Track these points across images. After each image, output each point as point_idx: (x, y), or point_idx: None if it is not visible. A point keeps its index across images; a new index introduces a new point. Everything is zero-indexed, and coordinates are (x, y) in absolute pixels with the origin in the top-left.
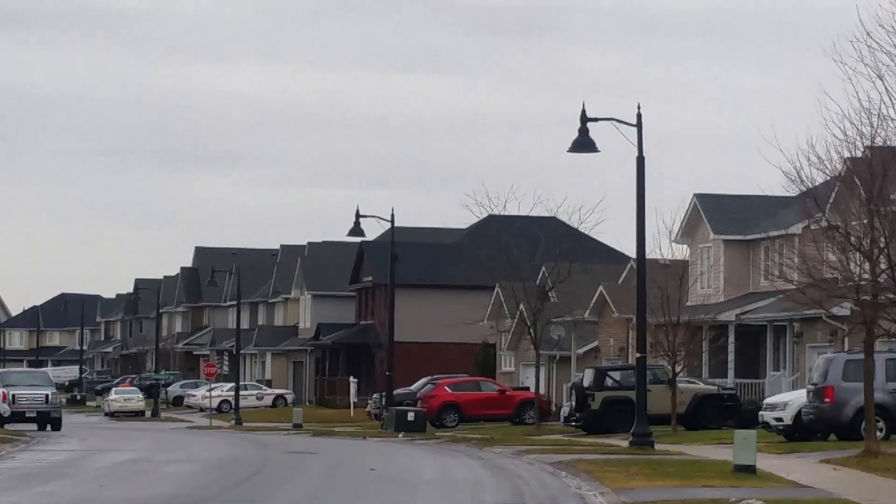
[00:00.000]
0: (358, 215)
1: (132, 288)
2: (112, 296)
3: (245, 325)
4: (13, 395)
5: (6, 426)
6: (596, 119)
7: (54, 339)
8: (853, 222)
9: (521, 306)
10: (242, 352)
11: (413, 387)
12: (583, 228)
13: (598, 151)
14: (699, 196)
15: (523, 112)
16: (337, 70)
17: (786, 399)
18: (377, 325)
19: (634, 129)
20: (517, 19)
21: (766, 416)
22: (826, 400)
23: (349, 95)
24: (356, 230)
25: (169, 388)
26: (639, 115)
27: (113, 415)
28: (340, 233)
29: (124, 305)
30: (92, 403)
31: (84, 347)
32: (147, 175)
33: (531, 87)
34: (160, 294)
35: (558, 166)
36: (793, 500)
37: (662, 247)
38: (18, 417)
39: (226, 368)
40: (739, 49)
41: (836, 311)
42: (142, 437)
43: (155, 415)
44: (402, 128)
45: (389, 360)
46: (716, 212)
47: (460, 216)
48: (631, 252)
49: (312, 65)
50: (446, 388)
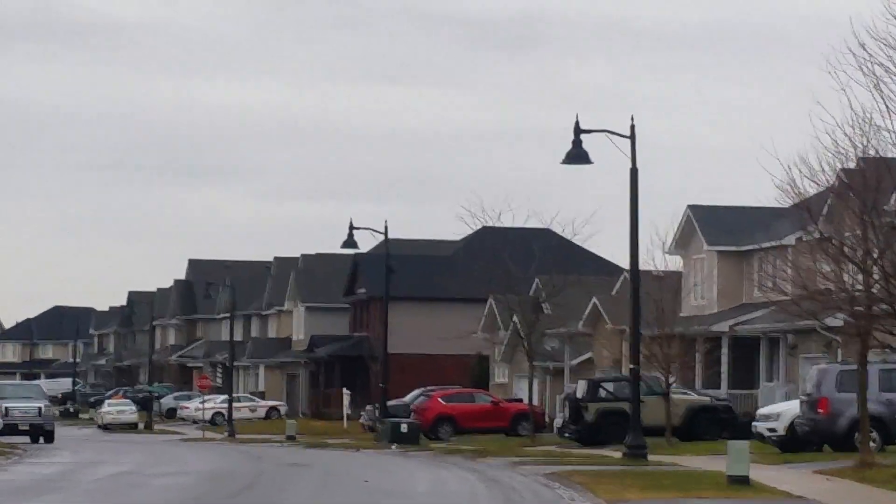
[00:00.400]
0: (351, 227)
1: (126, 301)
2: (106, 308)
3: (239, 338)
4: (6, 408)
5: None
6: (589, 131)
7: (48, 352)
8: (847, 233)
9: (515, 318)
10: (236, 364)
11: (407, 399)
12: (577, 240)
13: (592, 163)
14: (693, 207)
15: (517, 124)
16: (330, 84)
17: (779, 410)
18: (371, 338)
19: (628, 141)
20: (510, 32)
21: (760, 428)
22: (820, 411)
23: (342, 109)
24: (350, 242)
25: (162, 401)
26: (632, 127)
27: (106, 427)
28: (334, 245)
29: (118, 318)
30: (85, 416)
31: (77, 360)
32: (141, 188)
33: (524, 100)
34: (154, 307)
35: (552, 178)
36: None
37: (656, 258)
38: (11, 430)
39: (219, 381)
40: (733, 61)
41: (830, 323)
42: (135, 450)
43: (148, 427)
44: (396, 141)
45: (383, 373)
46: (709, 223)
47: (454, 228)
48: (625, 264)
49: (306, 79)
50: (440, 400)
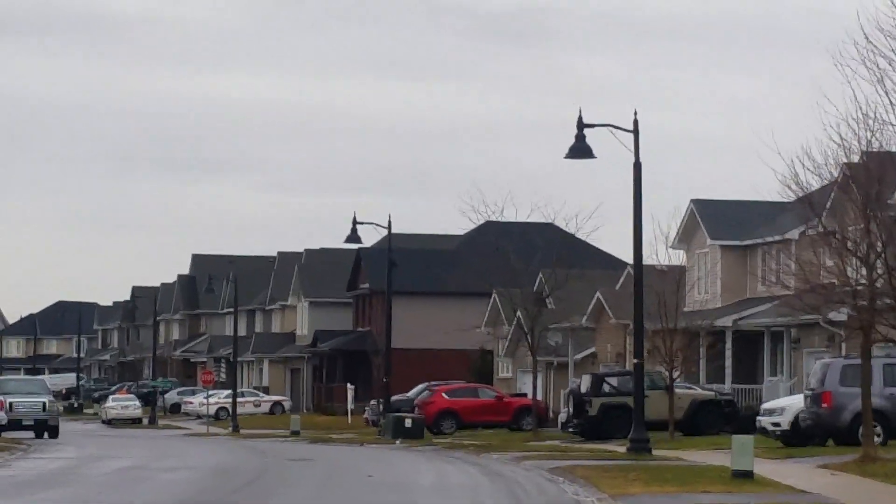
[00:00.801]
0: (355, 222)
1: (129, 295)
2: (109, 303)
3: (242, 333)
4: (10, 403)
5: (3, 434)
6: (593, 125)
7: (51, 347)
8: (850, 227)
9: (519, 313)
10: (240, 359)
11: (410, 393)
12: (580, 235)
13: (595, 158)
14: (696, 202)
15: (520, 118)
16: (334, 77)
17: (783, 404)
18: (374, 332)
19: (631, 136)
20: (514, 25)
21: (764, 422)
22: (824, 405)
23: (346, 102)
24: (353, 237)
25: (166, 396)
26: (636, 122)
27: (110, 422)
28: (337, 240)
29: (121, 313)
30: (89, 411)
31: (81, 355)
32: (144, 182)
33: (528, 93)
34: (157, 301)
35: (555, 172)
36: None
37: (659, 253)
38: (16, 425)
39: (223, 376)
40: (737, 54)
41: (834, 317)
42: (139, 445)
43: (152, 422)
44: (400, 134)
45: (387, 367)
46: (713, 217)
47: (457, 222)
48: (628, 258)
49: (309, 71)
50: (444, 395)
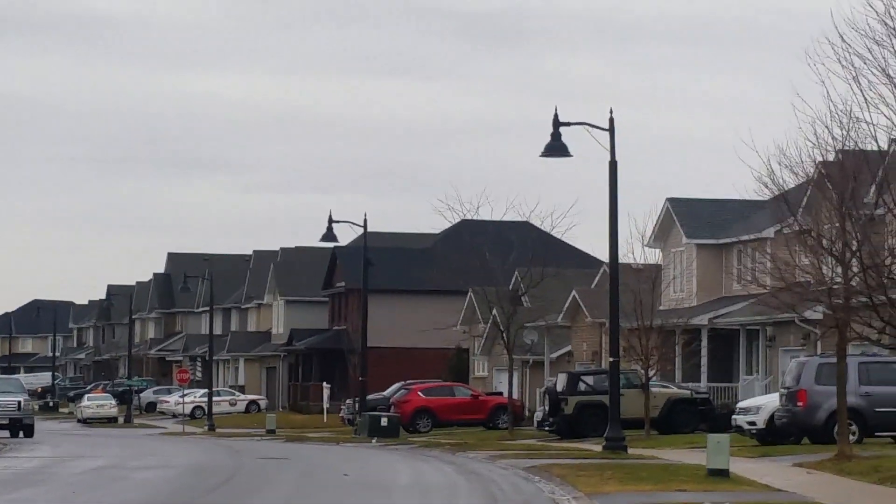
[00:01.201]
0: (331, 220)
1: (105, 294)
2: (84, 302)
3: (218, 331)
4: None
5: None
6: (568, 123)
7: (27, 346)
8: (825, 226)
9: (494, 311)
10: (215, 358)
11: (386, 392)
12: (555, 233)
13: (571, 156)
14: (672, 200)
15: (497, 117)
16: (312, 76)
17: (759, 403)
18: (350, 331)
19: (607, 134)
20: (494, 26)
21: (740, 420)
22: (799, 404)
23: (322, 102)
24: (329, 235)
25: (142, 395)
26: (611, 120)
27: (86, 421)
28: (313, 238)
29: (97, 312)
30: (65, 410)
31: (56, 354)
32: (119, 182)
33: (505, 93)
34: (133, 300)
35: (531, 172)
36: None
37: (635, 251)
38: None
39: (199, 374)
40: (714, 54)
41: (809, 315)
42: (114, 444)
43: (128, 421)
44: (376, 133)
45: (363, 366)
46: (688, 216)
47: (433, 221)
48: (604, 256)
49: (286, 70)
50: (419, 394)
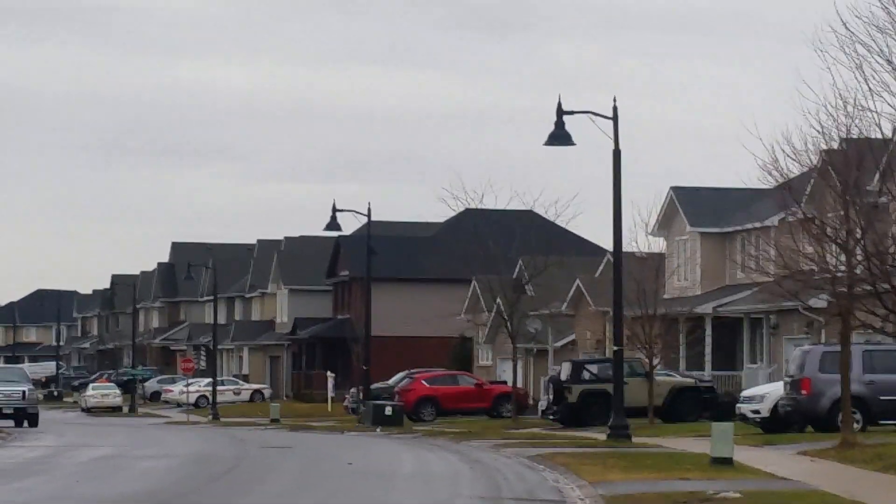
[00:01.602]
0: (334, 209)
1: (109, 283)
2: (89, 291)
3: (222, 320)
4: None
5: None
6: (572, 112)
7: (31, 336)
8: (829, 214)
9: (498, 300)
10: (219, 347)
11: (390, 381)
12: (559, 222)
13: (574, 144)
14: (675, 189)
15: (501, 106)
16: (314, 65)
17: (763, 391)
18: (354, 319)
19: (611, 123)
20: (497, 14)
21: (744, 409)
22: (803, 392)
23: (326, 90)
24: (333, 224)
25: (146, 384)
26: (615, 108)
27: (90, 410)
28: (317, 227)
29: (101, 301)
30: (69, 399)
31: (61, 343)
32: (123, 171)
33: (509, 82)
34: (137, 289)
35: (535, 160)
36: (770, 493)
37: (639, 240)
38: None
39: (203, 364)
40: (718, 43)
41: (813, 303)
42: (118, 433)
43: (132, 410)
44: (380, 122)
45: (366, 355)
46: (692, 204)
47: (437, 210)
48: (608, 245)
49: (289, 60)
50: (423, 382)
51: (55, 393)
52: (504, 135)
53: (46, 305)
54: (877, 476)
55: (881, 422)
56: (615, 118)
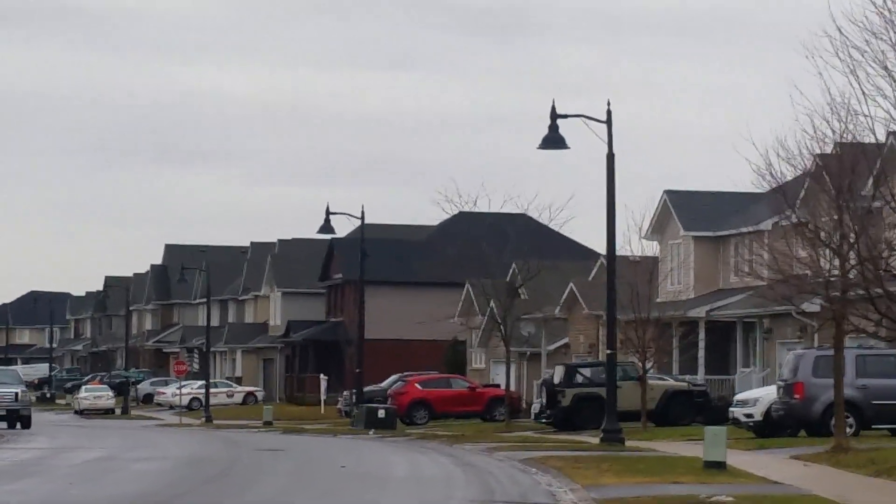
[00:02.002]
0: (328, 212)
1: (102, 285)
2: (82, 293)
3: (215, 323)
4: None
5: None
6: (566, 116)
7: (24, 337)
8: (823, 218)
9: (492, 303)
10: (212, 349)
11: (383, 384)
12: (553, 225)
13: (568, 148)
14: (669, 192)
15: (495, 110)
16: (309, 68)
17: (756, 395)
18: (347, 322)
19: (604, 126)
20: (493, 18)
21: (737, 413)
22: (796, 396)
23: (320, 93)
24: (326, 227)
25: (139, 386)
26: (609, 112)
27: (83, 413)
28: (311, 230)
29: (94, 303)
30: (62, 401)
31: (54, 345)
32: (117, 173)
33: (504, 86)
34: (130, 292)
35: (529, 164)
36: (763, 497)
37: (632, 243)
38: None
39: (196, 366)
40: (712, 47)
41: (806, 307)
42: (111, 435)
43: (125, 412)
44: (374, 126)
45: (359, 358)
46: (686, 208)
47: (431, 213)
48: (601, 249)
49: (284, 63)
50: (416, 386)
51: (48, 395)
52: (498, 138)
53: (39, 307)
54: (869, 481)
55: (874, 426)
56: (609, 122)
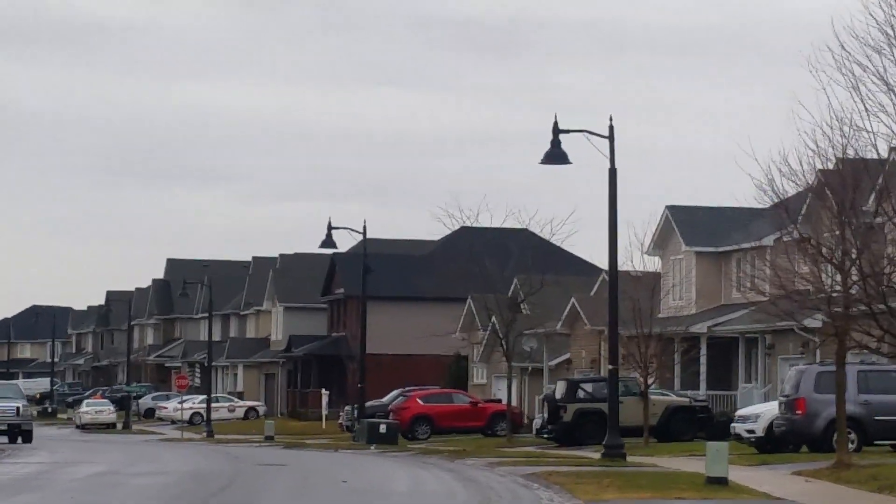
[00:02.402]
0: (330, 227)
1: (104, 300)
2: (84, 308)
3: (217, 338)
4: None
5: None
6: (568, 131)
7: (25, 352)
8: (825, 234)
9: (494, 318)
10: (214, 364)
11: (385, 399)
12: (555, 240)
13: (570, 163)
14: (671, 208)
15: (498, 127)
16: (311, 85)
17: (758, 411)
18: (349, 337)
19: (606, 142)
20: (495, 36)
21: (738, 428)
22: (798, 412)
23: (322, 110)
24: (328, 242)
25: (140, 401)
26: (611, 127)
27: (84, 427)
28: (312, 245)
29: (96, 317)
30: (63, 416)
31: (55, 360)
32: (120, 189)
33: (506, 103)
34: (132, 306)
35: (532, 180)
36: None
37: (634, 259)
38: None
39: (197, 380)
40: (714, 65)
41: (808, 323)
42: (113, 450)
43: (126, 427)
44: (376, 142)
45: (361, 373)
46: (688, 224)
47: (433, 228)
48: (603, 264)
49: (286, 81)
50: (418, 401)
51: (49, 409)
52: (500, 155)
53: (41, 321)
54: (871, 497)
55: (876, 442)
56: (611, 137)
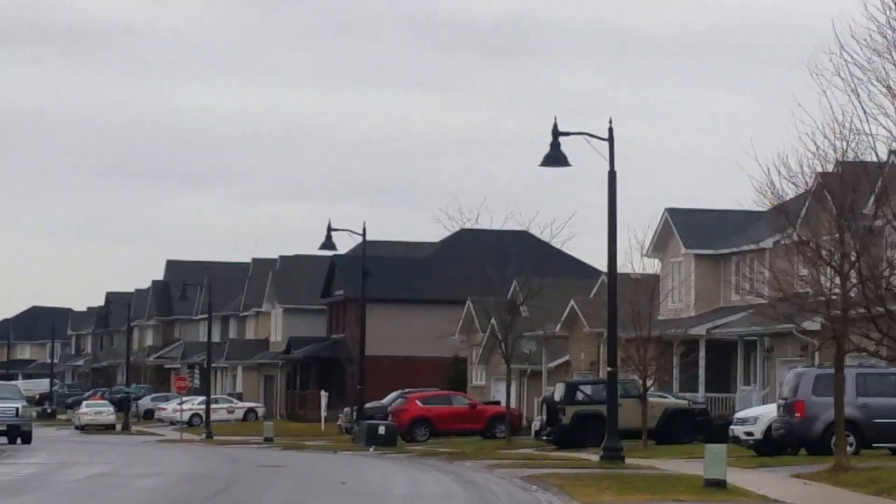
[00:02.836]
0: (330, 229)
1: (103, 301)
2: (83, 309)
3: (216, 339)
4: None
5: None
6: (568, 133)
7: (25, 353)
8: (824, 237)
9: (493, 320)
10: (213, 365)
11: (384, 401)
12: (554, 243)
13: (570, 165)
14: (670, 210)
15: (498, 129)
16: (310, 87)
17: (756, 413)
18: (348, 339)
19: (606, 144)
20: (495, 38)
21: (737, 431)
22: (796, 415)
23: (321, 112)
24: (328, 244)
25: (140, 402)
26: (610, 130)
27: (83, 428)
28: (312, 247)
29: (95, 319)
30: (63, 417)
31: (55, 361)
32: (119, 190)
33: (506, 105)
34: (131, 307)
35: (531, 182)
36: None
37: (634, 261)
38: None
39: (197, 382)
40: (714, 68)
41: (807, 326)
42: (112, 451)
43: (126, 428)
44: (375, 144)
45: (360, 374)
46: (687, 226)
47: (432, 230)
48: (602, 266)
49: (286, 82)
50: (417, 403)
51: (48, 410)
52: (500, 157)
53: (40, 322)
54: (870, 499)
55: (875, 445)
56: (611, 139)
